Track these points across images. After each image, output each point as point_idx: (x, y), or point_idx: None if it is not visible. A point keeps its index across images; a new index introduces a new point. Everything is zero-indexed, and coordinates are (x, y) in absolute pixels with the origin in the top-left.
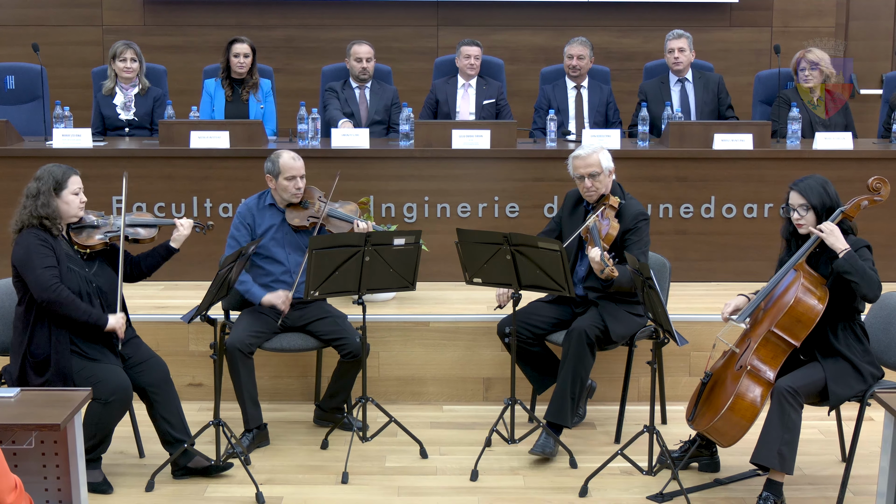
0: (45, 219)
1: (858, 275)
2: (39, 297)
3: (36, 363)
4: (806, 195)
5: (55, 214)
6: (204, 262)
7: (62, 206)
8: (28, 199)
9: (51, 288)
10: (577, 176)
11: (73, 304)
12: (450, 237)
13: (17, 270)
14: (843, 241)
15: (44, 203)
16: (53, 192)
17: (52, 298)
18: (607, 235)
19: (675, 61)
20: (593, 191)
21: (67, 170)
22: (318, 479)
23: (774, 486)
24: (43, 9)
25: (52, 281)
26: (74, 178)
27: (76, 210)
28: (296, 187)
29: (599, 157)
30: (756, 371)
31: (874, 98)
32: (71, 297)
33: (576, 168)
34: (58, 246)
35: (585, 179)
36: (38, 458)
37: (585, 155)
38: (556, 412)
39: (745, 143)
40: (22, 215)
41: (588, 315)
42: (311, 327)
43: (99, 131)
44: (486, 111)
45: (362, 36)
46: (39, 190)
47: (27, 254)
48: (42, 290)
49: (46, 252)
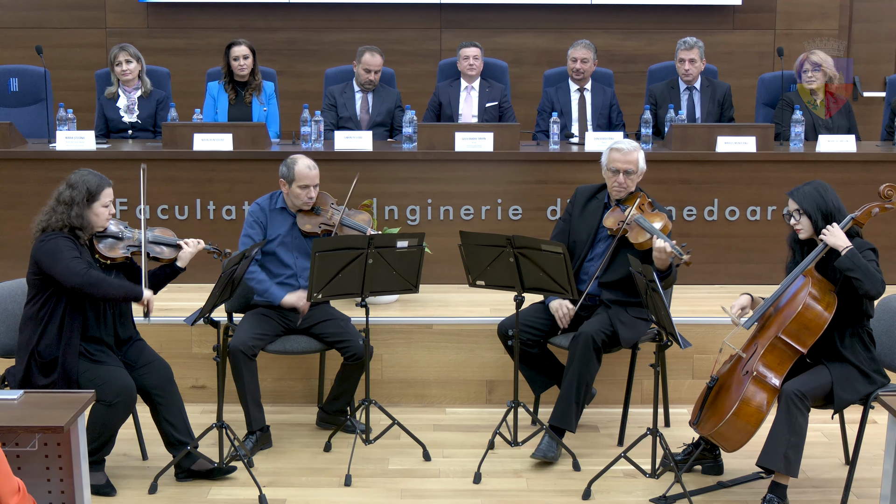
0: (77, 229)
1: (860, 271)
2: (72, 283)
3: (43, 364)
4: (800, 201)
5: (86, 225)
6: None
7: (92, 217)
8: (60, 206)
9: (82, 271)
10: (613, 169)
11: (106, 281)
12: (453, 240)
13: (41, 265)
14: (844, 240)
15: (77, 214)
16: (86, 202)
17: (87, 281)
18: (664, 227)
19: (685, 72)
20: (623, 187)
21: (102, 181)
22: (321, 482)
23: (779, 489)
24: (46, 11)
25: (83, 265)
26: (108, 191)
27: (104, 222)
28: (308, 196)
29: (638, 156)
30: (762, 377)
31: (877, 101)
32: (103, 276)
33: (613, 161)
34: (83, 251)
35: (620, 174)
36: (41, 460)
37: (627, 150)
38: (560, 416)
39: (749, 146)
40: (51, 219)
41: (595, 319)
42: (314, 330)
43: (102, 134)
44: (489, 114)
45: (365, 38)
46: (73, 199)
47: (56, 247)
48: (74, 275)
49: (74, 247)
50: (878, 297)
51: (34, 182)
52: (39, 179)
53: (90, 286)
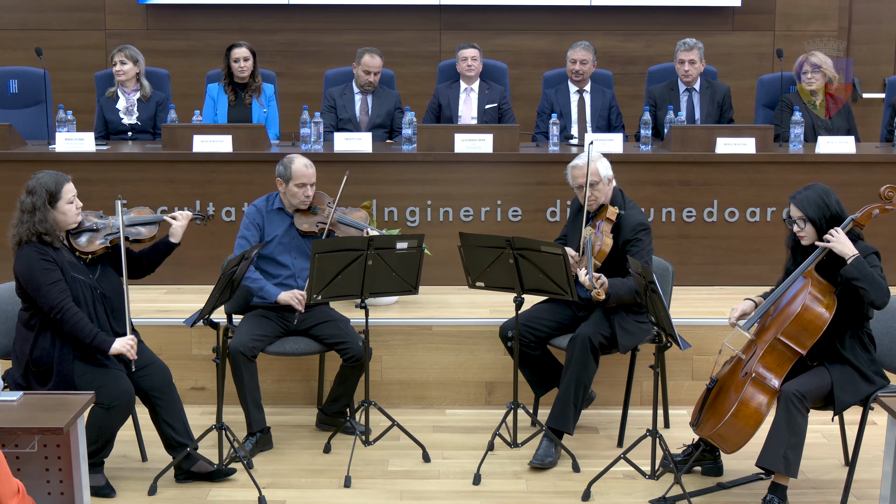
0: (44, 234)
1: (867, 281)
2: (50, 314)
3: (39, 373)
4: (803, 208)
5: (53, 228)
6: (207, 266)
7: (59, 217)
8: (24, 215)
9: (57, 307)
10: (577, 186)
11: (77, 325)
12: (452, 241)
13: (21, 284)
14: (851, 248)
15: (41, 219)
16: (48, 204)
17: (62, 318)
18: (600, 252)
19: (685, 73)
20: (593, 200)
21: (59, 178)
22: (321, 483)
23: (779, 490)
24: (46, 13)
25: (59, 298)
26: (68, 187)
27: (74, 218)
28: (305, 195)
29: (597, 165)
30: (761, 378)
31: (877, 102)
32: (76, 319)
33: (574, 178)
34: (59, 257)
35: (585, 188)
36: (40, 461)
37: (582, 164)
38: (558, 418)
39: (748, 147)
40: (20, 230)
41: (592, 320)
42: (314, 331)
43: (102, 135)
44: (489, 115)
45: (365, 40)
46: (35, 205)
47: (30, 271)
48: (50, 309)
49: (49, 266)
50: (883, 307)
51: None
52: None
53: (64, 323)
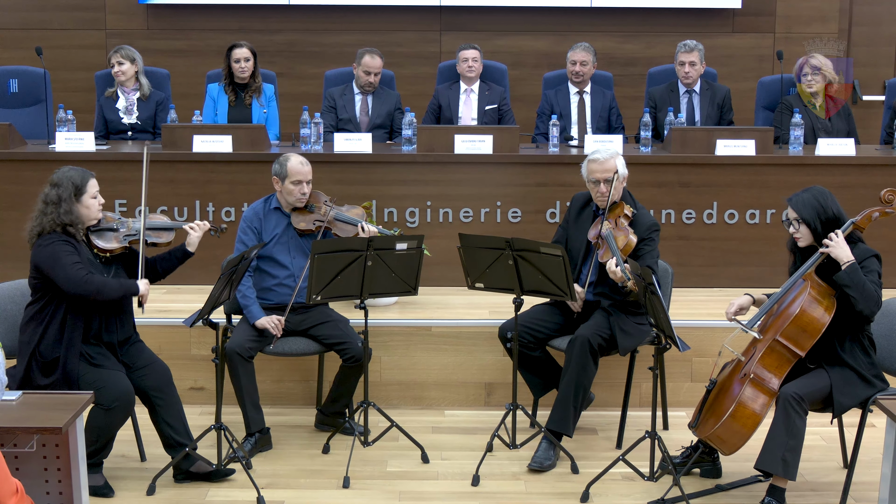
0: (68, 226)
1: (857, 289)
2: (74, 291)
3: (44, 364)
4: (798, 210)
5: (78, 220)
6: (206, 266)
7: (83, 210)
8: (49, 206)
9: (83, 281)
10: (593, 180)
11: (105, 285)
12: (452, 242)
13: (41, 270)
14: (847, 253)
15: (66, 210)
16: (74, 197)
17: (87, 289)
18: (626, 246)
19: (685, 75)
20: (606, 196)
21: (84, 173)
22: (320, 484)
23: (777, 492)
24: (46, 13)
25: (83, 273)
26: (92, 182)
27: (96, 213)
28: (301, 192)
29: (616, 162)
30: (759, 380)
31: (877, 104)
32: (102, 282)
33: (591, 172)
34: (80, 249)
35: (601, 184)
36: (39, 461)
37: (603, 160)
38: (557, 420)
39: (748, 149)
40: (43, 221)
41: (592, 321)
42: (313, 331)
43: (102, 135)
44: (489, 116)
45: (365, 41)
46: (61, 197)
47: (54, 253)
48: (74, 284)
49: (72, 251)
50: (871, 317)
51: (34, 183)
52: (39, 180)
53: (91, 293)
